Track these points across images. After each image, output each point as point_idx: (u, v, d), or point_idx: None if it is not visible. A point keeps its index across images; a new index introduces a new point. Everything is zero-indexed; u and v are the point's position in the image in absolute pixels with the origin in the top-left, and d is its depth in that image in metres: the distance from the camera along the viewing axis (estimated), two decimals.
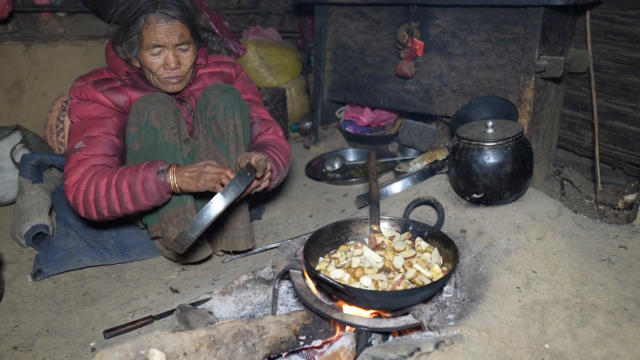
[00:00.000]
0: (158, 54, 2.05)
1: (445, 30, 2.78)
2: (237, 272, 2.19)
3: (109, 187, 1.96)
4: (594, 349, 1.37)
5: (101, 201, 1.97)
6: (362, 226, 1.84)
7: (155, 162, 1.96)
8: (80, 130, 2.08)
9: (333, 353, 1.43)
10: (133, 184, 1.93)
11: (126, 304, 2.05)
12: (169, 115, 2.05)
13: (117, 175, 1.96)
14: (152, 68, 2.07)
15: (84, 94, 2.10)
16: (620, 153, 2.86)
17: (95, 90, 2.08)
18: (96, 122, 2.08)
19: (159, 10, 2.01)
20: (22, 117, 3.37)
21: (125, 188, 1.94)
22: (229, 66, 2.37)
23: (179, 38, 2.04)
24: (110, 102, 2.09)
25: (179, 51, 2.08)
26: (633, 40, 2.68)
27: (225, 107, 2.10)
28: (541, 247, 1.67)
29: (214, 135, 2.14)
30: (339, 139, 3.52)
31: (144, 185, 1.93)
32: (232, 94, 2.13)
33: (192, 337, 1.30)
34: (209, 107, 2.12)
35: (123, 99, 2.11)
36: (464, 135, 1.92)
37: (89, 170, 2.00)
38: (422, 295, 1.48)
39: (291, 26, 4.86)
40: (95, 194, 1.97)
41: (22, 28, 3.47)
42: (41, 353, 1.78)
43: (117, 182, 1.95)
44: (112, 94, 2.10)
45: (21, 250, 2.43)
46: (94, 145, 2.04)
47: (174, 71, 2.09)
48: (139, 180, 1.93)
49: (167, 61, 2.06)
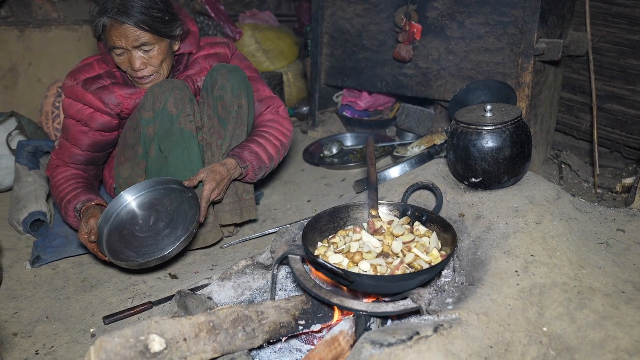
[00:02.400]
0: (121, 54, 2.05)
1: (443, 13, 2.76)
2: (236, 257, 2.19)
3: (59, 204, 2.17)
4: (592, 331, 1.37)
5: (57, 205, 2.20)
6: (361, 211, 1.84)
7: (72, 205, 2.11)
8: (65, 129, 2.22)
9: (332, 337, 1.44)
10: (65, 211, 2.13)
11: (125, 289, 2.05)
12: (186, 102, 2.07)
13: (65, 201, 2.13)
14: (122, 67, 2.09)
15: (74, 94, 2.13)
16: (619, 136, 2.86)
17: (85, 91, 2.11)
18: (78, 126, 2.17)
19: (112, 15, 1.96)
20: (17, 103, 3.34)
21: (63, 212, 2.15)
22: (223, 46, 2.36)
23: (135, 41, 2.00)
24: (99, 102, 2.12)
25: (142, 52, 2.05)
26: (632, 22, 2.66)
27: (232, 86, 2.11)
28: (539, 230, 1.67)
29: (219, 115, 2.15)
30: (336, 124, 3.51)
31: (66, 219, 2.19)
32: (239, 74, 2.15)
33: (192, 323, 1.30)
34: (216, 87, 2.12)
35: (112, 98, 2.13)
36: (462, 119, 1.91)
37: (55, 172, 2.24)
38: (420, 279, 1.48)
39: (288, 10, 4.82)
40: (56, 200, 2.20)
41: (15, 13, 3.43)
42: (41, 339, 1.78)
43: (65, 205, 2.12)
44: (101, 93, 2.12)
45: (19, 237, 2.43)
46: (68, 145, 2.21)
47: (139, 72, 2.08)
48: (67, 216, 2.14)
49: (130, 62, 2.06)
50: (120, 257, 1.95)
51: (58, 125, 3.21)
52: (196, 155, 2.13)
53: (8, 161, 2.78)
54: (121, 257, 1.95)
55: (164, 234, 1.98)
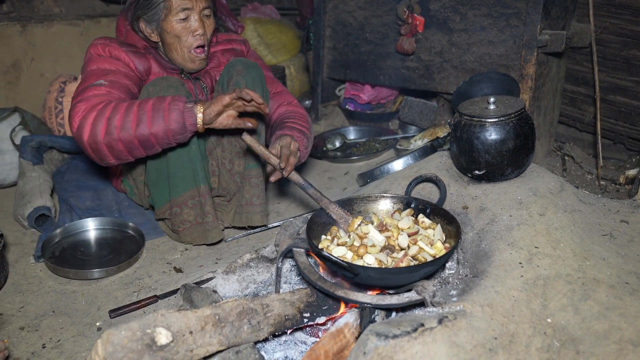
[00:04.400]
0: (185, 19, 2.05)
1: (446, 5, 2.75)
2: (240, 251, 2.20)
3: (130, 106, 1.86)
4: (596, 322, 1.38)
5: (116, 119, 1.84)
6: (365, 204, 1.85)
7: (181, 96, 1.91)
8: (102, 74, 2.00)
9: (337, 330, 1.45)
10: (159, 103, 1.86)
11: (130, 283, 2.06)
12: None
13: (143, 100, 1.89)
14: (181, 35, 2.07)
15: (107, 51, 2.06)
16: (622, 128, 2.85)
17: (120, 49, 2.06)
18: (119, 74, 2.03)
19: None
20: (20, 98, 3.34)
21: (149, 107, 1.85)
22: (240, 43, 2.39)
23: (204, 2, 2.07)
24: (133, 64, 2.07)
25: (204, 17, 2.10)
26: (636, 13, 2.65)
27: (247, 83, 2.10)
28: (543, 222, 1.67)
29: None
30: (339, 117, 3.51)
31: (171, 106, 1.85)
32: (255, 71, 2.14)
33: (198, 316, 1.31)
34: (231, 82, 2.12)
35: (144, 65, 2.10)
36: (465, 112, 1.91)
37: (109, 98, 1.91)
38: (425, 271, 1.49)
39: (289, 3, 4.80)
40: (113, 112, 1.85)
41: (17, 8, 3.43)
42: (48, 333, 1.80)
43: (142, 103, 1.87)
44: (135, 57, 2.08)
45: (24, 232, 2.44)
46: (117, 88, 1.97)
47: (201, 37, 2.09)
48: (167, 102, 1.86)
49: (195, 26, 2.07)
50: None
51: (61, 120, 3.21)
52: (195, 153, 2.10)
53: (12, 156, 2.79)
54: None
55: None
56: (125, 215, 2.49)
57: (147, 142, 1.88)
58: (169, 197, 2.14)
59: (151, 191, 2.21)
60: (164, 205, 2.19)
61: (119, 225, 2.39)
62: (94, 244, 2.31)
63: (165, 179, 2.13)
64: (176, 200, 2.13)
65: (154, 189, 2.19)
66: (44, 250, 2.19)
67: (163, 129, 1.85)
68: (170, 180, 2.12)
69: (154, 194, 2.20)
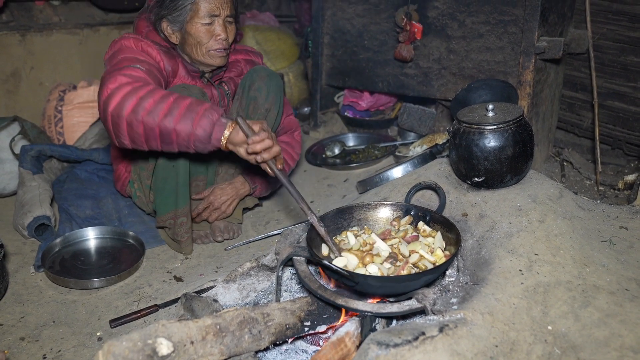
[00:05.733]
0: (210, 24, 2.08)
1: (444, 12, 2.76)
2: (240, 259, 2.20)
3: (167, 96, 1.78)
4: (597, 329, 1.38)
5: (148, 102, 1.76)
6: (364, 212, 1.85)
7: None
8: (136, 62, 1.94)
9: (338, 339, 1.45)
10: (196, 105, 1.77)
11: (131, 293, 2.06)
12: None
13: (182, 95, 1.81)
14: (203, 38, 2.09)
15: (140, 45, 2.02)
16: (620, 133, 2.86)
17: (153, 46, 2.05)
18: (152, 66, 1.98)
19: None
20: (20, 107, 3.35)
21: (185, 104, 1.77)
22: (257, 56, 2.47)
23: (229, 10, 2.12)
24: (163, 64, 2.07)
25: (227, 23, 2.13)
26: (633, 19, 2.66)
27: (267, 90, 2.19)
28: (543, 229, 1.67)
29: (249, 114, 2.21)
30: (338, 124, 3.51)
31: (206, 112, 1.75)
32: (277, 82, 2.23)
33: (199, 326, 1.31)
34: (253, 87, 2.19)
35: (173, 66, 2.11)
36: (464, 119, 1.92)
37: (147, 81, 1.86)
38: (425, 279, 1.49)
39: (288, 10, 4.82)
40: (148, 93, 1.78)
41: (16, 18, 3.44)
42: (48, 343, 1.79)
43: (180, 97, 1.79)
44: (166, 57, 2.09)
45: (24, 241, 2.44)
46: (153, 76, 1.93)
47: (224, 41, 2.12)
48: (203, 107, 1.76)
49: (219, 31, 2.10)
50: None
51: (61, 129, 3.22)
52: (212, 172, 2.15)
53: (12, 166, 2.79)
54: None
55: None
56: (125, 223, 2.49)
57: (167, 136, 1.79)
58: (175, 207, 2.15)
59: (156, 197, 2.21)
60: (167, 214, 2.19)
61: (119, 234, 2.39)
62: (94, 253, 2.31)
63: (172, 188, 2.13)
64: (182, 210, 2.14)
65: (159, 195, 2.19)
66: (44, 259, 2.19)
67: (188, 130, 1.75)
68: (178, 190, 2.13)
69: (158, 201, 2.20)
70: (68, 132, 3.23)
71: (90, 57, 3.63)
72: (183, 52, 2.18)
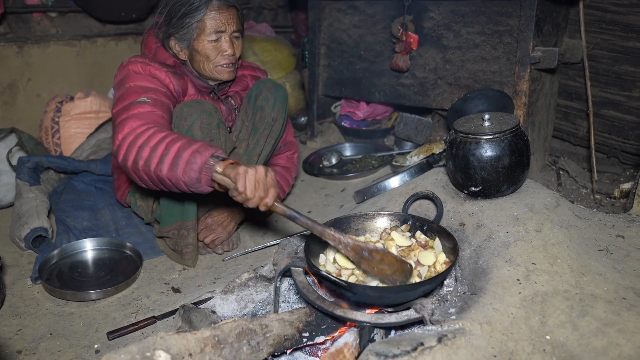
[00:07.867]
0: (217, 40, 2.10)
1: (440, 23, 2.78)
2: (238, 270, 2.19)
3: (160, 142, 1.76)
4: (595, 338, 1.38)
5: (145, 151, 1.77)
6: (362, 222, 1.85)
7: (216, 147, 1.75)
8: (142, 91, 1.96)
9: (337, 349, 1.45)
10: (183, 149, 1.71)
11: (128, 304, 2.05)
12: (212, 127, 2.05)
13: (175, 136, 1.77)
14: (211, 54, 2.11)
15: (147, 70, 2.04)
16: (615, 142, 2.88)
17: (161, 69, 2.07)
18: (159, 93, 1.99)
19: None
20: (17, 119, 3.35)
21: (174, 150, 1.73)
22: (263, 73, 2.50)
23: (235, 25, 2.14)
24: (172, 86, 2.08)
25: (233, 38, 2.15)
26: (626, 29, 2.69)
27: (274, 100, 2.22)
28: (540, 238, 1.68)
29: (255, 123, 2.23)
30: (335, 134, 3.52)
31: (191, 157, 1.69)
32: (283, 93, 2.27)
33: (197, 338, 1.31)
34: (260, 97, 2.22)
35: (182, 86, 2.13)
36: (460, 129, 1.93)
37: (153, 118, 1.87)
38: (423, 289, 1.49)
39: (284, 21, 4.85)
40: (145, 141, 1.79)
41: (14, 29, 3.45)
42: (45, 356, 1.78)
43: (171, 141, 1.75)
44: (175, 78, 2.10)
45: (21, 253, 2.43)
46: (159, 106, 1.94)
47: (232, 56, 2.14)
48: (191, 150, 1.70)
49: (225, 47, 2.12)
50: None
51: (58, 140, 3.22)
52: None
53: (9, 177, 2.79)
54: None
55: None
56: (122, 235, 2.48)
57: (163, 183, 1.79)
58: (181, 218, 2.15)
59: (162, 207, 2.21)
60: (171, 225, 2.19)
61: (117, 245, 2.39)
62: (91, 265, 2.31)
63: (179, 198, 2.14)
64: (187, 223, 2.14)
65: (165, 205, 2.18)
66: (41, 271, 2.18)
67: (176, 177, 1.72)
68: (185, 202, 2.13)
69: (163, 211, 2.20)
70: (65, 144, 3.23)
71: (87, 68, 3.64)
72: (192, 68, 2.20)
